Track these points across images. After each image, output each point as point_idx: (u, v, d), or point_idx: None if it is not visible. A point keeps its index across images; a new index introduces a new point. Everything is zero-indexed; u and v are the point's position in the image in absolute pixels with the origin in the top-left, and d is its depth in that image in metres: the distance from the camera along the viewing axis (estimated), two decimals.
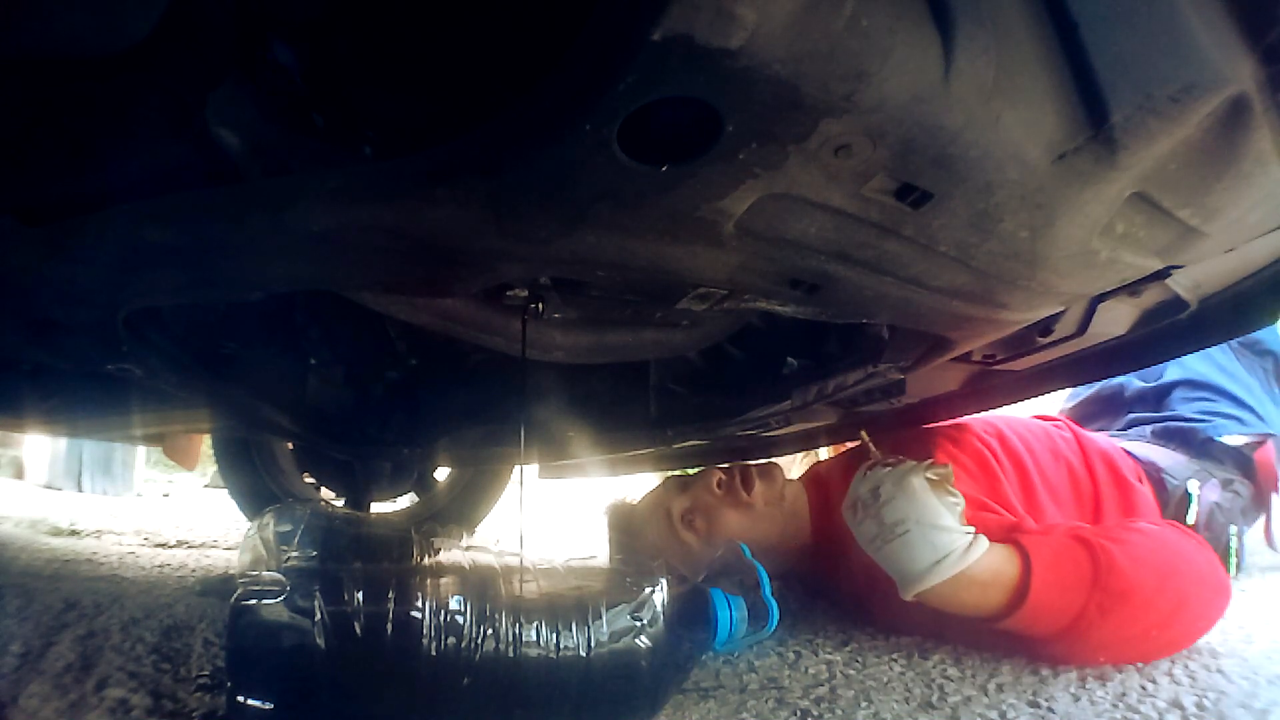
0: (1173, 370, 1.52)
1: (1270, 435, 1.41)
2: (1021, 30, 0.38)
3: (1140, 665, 0.79)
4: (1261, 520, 1.39)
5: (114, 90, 0.52)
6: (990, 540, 0.81)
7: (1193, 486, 1.26)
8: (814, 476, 1.20)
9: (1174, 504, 1.25)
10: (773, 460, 1.18)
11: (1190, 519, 1.24)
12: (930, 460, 0.84)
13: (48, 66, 0.51)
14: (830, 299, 0.57)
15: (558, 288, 0.64)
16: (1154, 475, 1.27)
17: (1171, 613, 0.79)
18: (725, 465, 1.14)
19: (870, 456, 0.88)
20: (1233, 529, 1.29)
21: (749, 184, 0.42)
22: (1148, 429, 1.43)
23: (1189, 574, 0.81)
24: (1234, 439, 1.39)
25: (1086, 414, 1.60)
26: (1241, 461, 1.37)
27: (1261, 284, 0.74)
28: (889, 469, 0.83)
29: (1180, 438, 1.37)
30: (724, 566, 0.96)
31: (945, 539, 0.78)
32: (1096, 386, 1.61)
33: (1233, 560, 1.29)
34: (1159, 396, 1.51)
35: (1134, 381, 1.56)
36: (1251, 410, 1.43)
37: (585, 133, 0.37)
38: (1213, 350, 1.49)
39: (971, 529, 0.81)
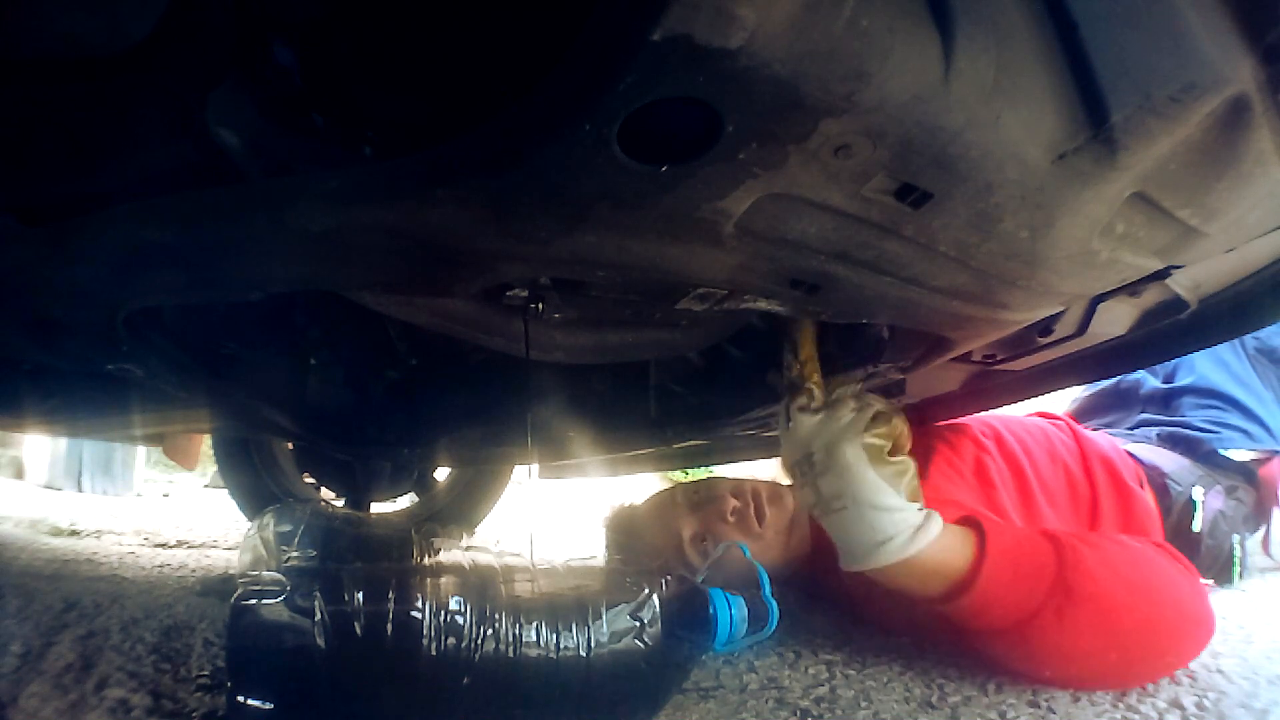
0: (1185, 374, 1.48)
1: (1277, 452, 1.38)
2: (1021, 30, 0.38)
3: None
4: (1262, 529, 1.39)
5: (114, 90, 0.53)
6: (948, 519, 0.73)
7: (1197, 494, 1.26)
8: None
9: (1178, 510, 1.24)
10: (782, 485, 1.16)
11: (1197, 526, 1.23)
12: (869, 414, 0.72)
13: (48, 66, 0.51)
14: (830, 299, 0.57)
15: (558, 288, 0.64)
16: (1157, 480, 1.26)
17: (1137, 634, 0.71)
18: (735, 488, 1.09)
19: (787, 376, 0.74)
20: (1236, 537, 1.28)
21: (749, 184, 0.42)
22: (1154, 431, 1.42)
23: (1167, 598, 0.73)
24: (1240, 454, 1.36)
25: (1100, 406, 1.58)
26: (1246, 474, 1.36)
27: (1261, 284, 0.74)
28: (819, 419, 0.72)
29: (1185, 446, 1.36)
30: (724, 567, 0.97)
31: (886, 521, 0.69)
32: (1113, 381, 1.56)
33: (1236, 568, 1.28)
34: (1169, 399, 1.48)
35: (1149, 380, 1.53)
36: (1261, 423, 1.39)
37: (585, 133, 0.37)
38: (1229, 358, 1.46)
39: (919, 505, 0.72)
